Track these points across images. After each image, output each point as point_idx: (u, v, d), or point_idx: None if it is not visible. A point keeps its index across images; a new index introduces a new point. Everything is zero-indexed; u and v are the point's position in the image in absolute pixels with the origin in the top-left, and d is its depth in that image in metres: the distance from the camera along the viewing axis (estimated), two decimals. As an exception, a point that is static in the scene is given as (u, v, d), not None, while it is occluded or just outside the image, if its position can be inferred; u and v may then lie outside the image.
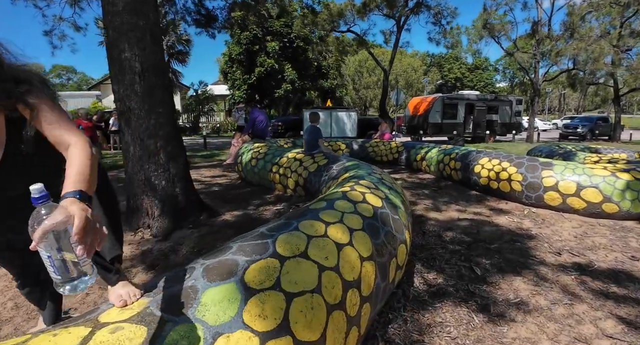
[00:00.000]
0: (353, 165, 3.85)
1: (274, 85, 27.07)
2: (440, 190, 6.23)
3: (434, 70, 56.20)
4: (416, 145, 8.55)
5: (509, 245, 3.76)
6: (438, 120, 17.43)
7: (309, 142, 5.31)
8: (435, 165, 7.26)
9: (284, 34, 26.25)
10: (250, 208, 4.66)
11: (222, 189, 6.12)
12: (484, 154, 6.02)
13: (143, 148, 3.65)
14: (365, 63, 46.33)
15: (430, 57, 63.69)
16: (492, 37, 17.93)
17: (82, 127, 8.40)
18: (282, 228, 1.74)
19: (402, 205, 2.77)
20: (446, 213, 4.90)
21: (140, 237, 3.62)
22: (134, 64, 3.52)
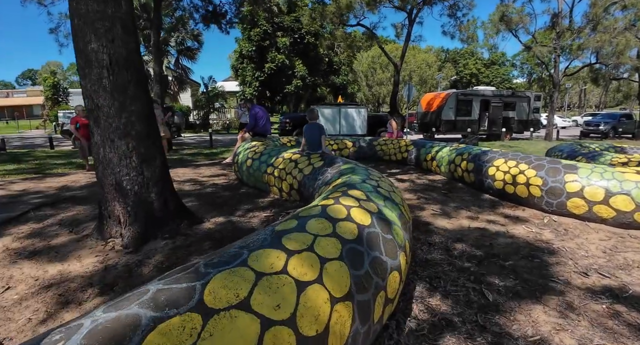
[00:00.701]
0: (348, 169, 3.42)
1: (284, 82, 26.70)
2: (451, 193, 5.74)
3: (448, 66, 54.94)
4: (426, 143, 8.04)
5: (526, 262, 3.27)
6: (451, 117, 16.77)
7: (311, 141, 4.91)
8: (446, 165, 6.75)
9: (295, 29, 25.82)
10: (237, 214, 4.27)
11: (215, 191, 5.75)
12: (499, 154, 5.50)
13: (113, 149, 3.28)
14: (379, 59, 45.48)
15: (444, 52, 62.36)
16: (510, 30, 17.12)
17: (79, 124, 8.16)
18: (224, 263, 1.32)
19: (398, 220, 2.33)
20: (456, 220, 4.43)
21: (110, 248, 3.26)
22: (102, 57, 3.15)
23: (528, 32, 17.54)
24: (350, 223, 1.87)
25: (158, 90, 12.23)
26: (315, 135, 4.83)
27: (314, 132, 4.85)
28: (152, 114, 3.57)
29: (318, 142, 4.78)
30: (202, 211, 4.43)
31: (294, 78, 26.58)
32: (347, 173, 3.26)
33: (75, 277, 2.75)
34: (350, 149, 9.27)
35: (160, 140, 3.73)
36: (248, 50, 25.80)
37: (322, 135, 4.83)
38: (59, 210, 4.65)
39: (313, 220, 1.78)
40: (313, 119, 5.04)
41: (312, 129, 4.89)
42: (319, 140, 4.79)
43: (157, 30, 11.91)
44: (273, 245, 1.49)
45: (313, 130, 4.88)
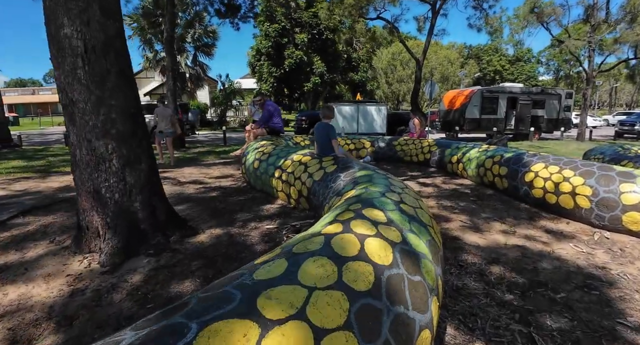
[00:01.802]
0: (364, 177, 2.87)
1: (302, 79, 26.21)
2: (481, 201, 5.10)
3: (471, 63, 53.28)
4: (452, 144, 7.37)
5: (581, 294, 2.65)
6: (476, 115, 15.90)
7: (321, 143, 4.35)
8: (475, 169, 6.10)
9: (313, 25, 25.27)
10: (237, 224, 3.77)
11: (220, 195, 5.29)
12: (539, 158, 4.82)
13: (90, 151, 2.83)
14: (399, 55, 44.49)
15: (467, 48, 60.59)
16: (541, 23, 16.08)
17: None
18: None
19: (429, 250, 1.77)
20: (489, 235, 3.81)
21: (85, 266, 2.82)
22: (76, 43, 2.70)
23: (560, 25, 16.45)
24: (364, 264, 1.32)
25: (171, 87, 11.92)
26: (324, 137, 4.28)
27: (322, 134, 4.27)
28: (138, 110, 3.10)
29: (328, 145, 4.20)
30: (199, 220, 3.97)
31: (312, 75, 26.06)
32: (363, 182, 2.70)
33: (35, 305, 2.30)
34: (368, 148, 8.69)
35: (149, 141, 3.26)
36: (265, 46, 25.41)
37: (331, 138, 4.19)
38: (49, 214, 4.28)
39: (310, 261, 1.25)
40: (326, 118, 4.43)
41: (320, 129, 4.31)
42: (328, 142, 4.22)
43: (171, 26, 11.58)
44: (242, 311, 0.96)
45: (321, 131, 4.29)
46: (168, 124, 8.77)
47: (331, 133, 4.23)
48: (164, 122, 8.78)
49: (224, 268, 2.68)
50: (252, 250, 3.05)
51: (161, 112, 8.79)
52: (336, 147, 4.19)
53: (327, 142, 4.20)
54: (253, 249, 3.08)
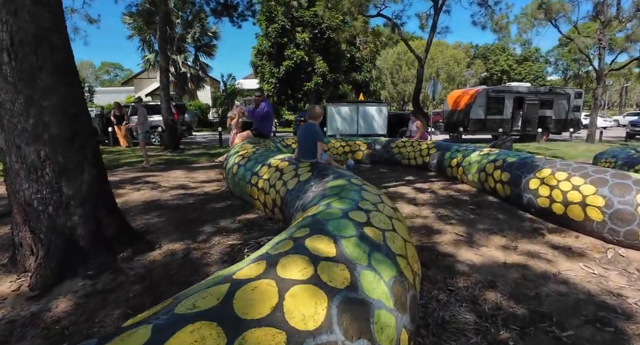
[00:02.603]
0: (335, 188, 2.45)
1: (303, 79, 25.80)
2: (480, 210, 4.65)
3: (478, 63, 52.56)
4: (451, 146, 6.92)
5: (593, 330, 2.22)
6: (481, 115, 15.37)
7: (303, 145, 3.91)
8: (475, 174, 5.65)
9: (315, 24, 24.86)
10: (200, 238, 3.38)
11: (197, 202, 4.91)
12: (545, 163, 4.36)
13: (20, 158, 2.46)
14: (404, 55, 44.02)
15: (474, 48, 59.81)
16: (549, 19, 15.49)
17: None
18: None
19: (390, 292, 1.35)
20: (486, 251, 3.38)
21: (14, 289, 2.44)
22: (0, 36, 2.33)
23: (570, 22, 15.86)
24: (273, 333, 0.91)
25: (165, 86, 11.60)
26: (308, 140, 3.81)
27: (307, 136, 3.81)
28: (80, 112, 2.72)
29: (310, 149, 3.77)
30: (162, 232, 3.59)
31: (314, 75, 25.64)
32: (331, 195, 2.29)
33: None
34: (365, 151, 8.26)
35: (95, 147, 2.88)
36: (266, 46, 25.06)
37: (316, 140, 3.73)
38: (2, 226, 3.92)
39: (186, 330, 0.84)
40: (312, 119, 3.98)
41: (304, 131, 3.85)
42: (311, 145, 3.79)
43: (164, 24, 11.27)
44: None
45: (306, 132, 3.84)
46: (143, 125, 8.53)
47: (316, 135, 3.76)
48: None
49: (166, 295, 2.29)
50: (204, 273, 2.65)
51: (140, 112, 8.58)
52: (320, 152, 3.72)
53: (310, 145, 3.75)
54: (206, 271, 2.68)
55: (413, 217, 4.37)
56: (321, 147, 3.73)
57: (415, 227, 4.04)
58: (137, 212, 4.50)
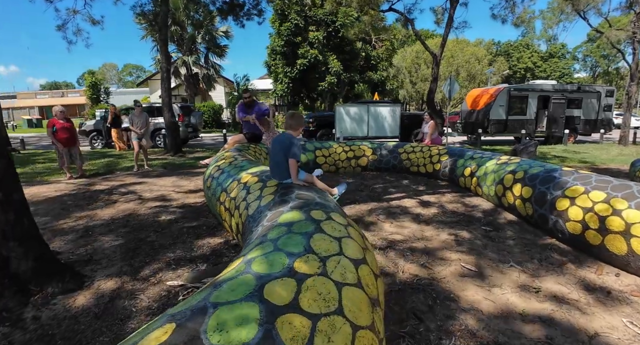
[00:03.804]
0: (282, 227, 1.79)
1: (317, 78, 25.16)
2: (496, 232, 3.90)
3: (500, 60, 50.60)
4: (464, 153, 6.15)
5: None
6: (502, 116, 14.35)
7: (274, 162, 3.00)
8: (491, 186, 4.88)
9: (329, 22, 24.18)
10: (144, 273, 2.80)
11: (166, 220, 4.36)
12: (577, 178, 3.58)
13: None
14: (423, 54, 42.82)
15: (496, 45, 57.80)
16: (578, 12, 14.33)
17: (56, 127, 7.16)
18: None
19: None
20: (500, 293, 2.66)
21: None
22: None
23: (600, 14, 14.63)
24: None
25: (166, 87, 11.20)
26: (278, 154, 2.88)
27: (277, 149, 2.92)
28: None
29: (282, 166, 2.87)
30: (105, 262, 3.03)
31: (328, 74, 24.96)
32: (269, 240, 1.63)
33: None
34: (370, 156, 7.55)
35: (6, 159, 2.33)
36: (279, 45, 24.55)
37: (289, 156, 2.80)
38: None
39: None
40: (290, 129, 3.06)
41: (276, 142, 2.99)
42: (283, 162, 2.86)
43: (164, 24, 10.86)
44: None
45: (276, 145, 2.96)
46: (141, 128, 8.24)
47: (289, 149, 2.84)
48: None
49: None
50: (118, 332, 2.05)
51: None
52: (293, 171, 2.84)
53: (280, 161, 2.93)
54: (123, 330, 2.08)
55: (414, 240, 3.68)
56: (294, 166, 2.84)
57: (415, 253, 3.35)
58: (97, 231, 3.99)
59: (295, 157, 2.79)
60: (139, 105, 8.60)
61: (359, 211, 4.74)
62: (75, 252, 3.37)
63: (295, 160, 2.77)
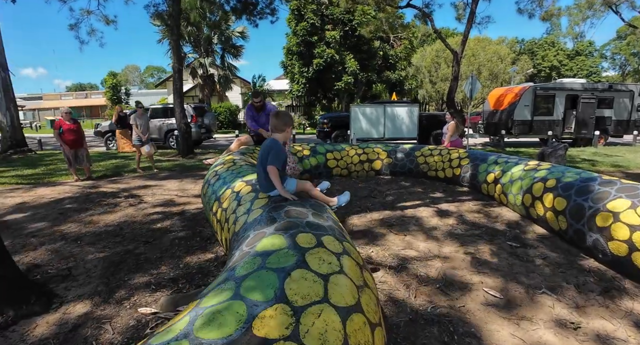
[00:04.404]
0: (256, 261, 1.43)
1: (334, 78, 24.76)
2: (524, 249, 3.43)
3: (524, 58, 48.96)
4: (487, 157, 5.66)
5: None
6: (527, 116, 13.62)
7: (259, 172, 2.59)
8: (518, 195, 4.40)
9: (346, 21, 23.76)
10: (117, 295, 2.49)
11: (161, 229, 4.07)
12: (620, 189, 3.09)
13: None
14: (443, 52, 41.86)
15: (520, 43, 56.03)
16: (609, 5, 13.46)
17: (62, 129, 7.04)
18: None
19: None
20: (530, 329, 2.23)
21: None
22: None
23: (634, 7, 13.71)
24: None
25: (177, 88, 11.04)
26: (263, 162, 2.46)
27: (261, 156, 2.49)
28: None
29: (267, 177, 2.42)
30: (82, 279, 2.76)
31: (345, 74, 24.53)
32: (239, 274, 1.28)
33: None
34: (384, 160, 7.11)
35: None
36: (295, 45, 24.28)
37: (272, 164, 2.37)
38: None
39: None
40: (276, 131, 2.59)
41: (261, 149, 2.53)
42: (265, 172, 2.43)
43: (176, 25, 10.70)
44: None
45: (261, 151, 2.52)
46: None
47: (270, 155, 2.40)
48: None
49: None
50: None
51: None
52: (275, 180, 2.37)
53: (264, 172, 2.47)
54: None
55: (429, 257, 3.26)
56: (274, 174, 2.37)
57: (430, 273, 2.94)
58: (87, 240, 3.74)
59: (273, 163, 2.36)
60: (141, 106, 8.44)
61: (369, 221, 4.34)
62: (56, 265, 3.10)
63: (275, 168, 2.35)
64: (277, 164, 2.34)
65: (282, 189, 2.36)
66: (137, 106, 8.44)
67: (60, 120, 7.18)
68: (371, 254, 3.36)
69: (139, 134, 8.03)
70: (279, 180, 2.33)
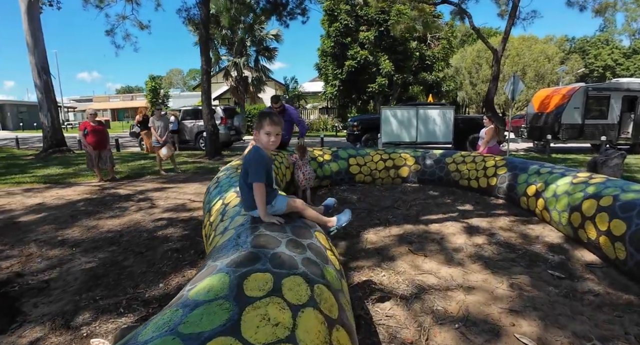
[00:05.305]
0: (182, 307, 1.07)
1: (367, 79, 24.18)
2: (571, 283, 2.83)
3: (574, 58, 45.82)
4: (528, 165, 4.99)
5: None
6: (577, 120, 12.42)
7: (240, 187, 2.12)
8: (564, 212, 3.75)
9: (380, 22, 23.14)
10: (81, 318, 2.21)
11: (159, 238, 3.82)
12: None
13: None
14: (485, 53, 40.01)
15: (570, 41, 52.54)
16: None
17: (87, 130, 7.08)
18: None
19: None
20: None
21: None
22: None
23: None
24: None
25: (205, 89, 11.02)
26: (243, 176, 2.04)
27: (243, 170, 2.06)
28: None
29: (246, 193, 2.01)
30: (57, 294, 2.57)
31: (378, 76, 23.88)
32: (140, 340, 0.92)
33: None
34: (411, 166, 6.55)
35: None
36: (328, 47, 23.96)
37: (254, 180, 1.93)
38: None
39: None
40: (254, 135, 2.11)
41: (246, 163, 2.04)
42: (245, 188, 2.02)
43: (205, 24, 10.67)
44: None
45: (243, 163, 2.08)
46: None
47: (250, 170, 1.97)
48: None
49: None
50: None
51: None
52: (258, 200, 1.92)
53: (243, 186, 2.05)
54: None
55: (451, 286, 2.75)
56: (259, 193, 1.92)
57: (450, 308, 2.43)
58: (83, 247, 3.57)
59: (254, 179, 1.92)
60: (159, 108, 8.42)
61: (387, 236, 3.86)
62: (40, 275, 2.91)
63: (261, 185, 1.92)
64: (260, 178, 1.92)
65: (265, 214, 1.92)
66: (156, 108, 8.43)
67: (86, 122, 7.24)
68: (382, 278, 2.90)
69: (156, 136, 7.98)
70: (263, 202, 1.90)
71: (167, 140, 8.17)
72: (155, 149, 8.22)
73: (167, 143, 8.13)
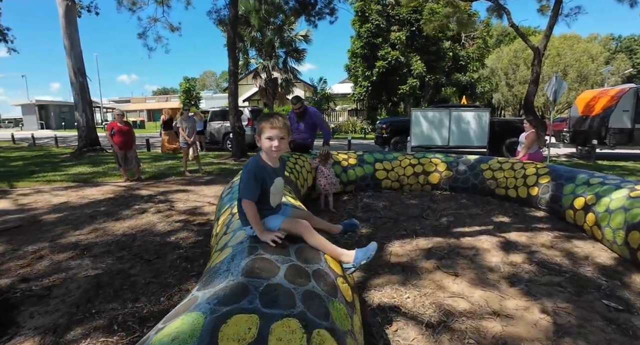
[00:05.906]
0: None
1: (398, 81, 23.61)
2: (628, 315, 2.40)
3: (621, 58, 43.00)
4: (576, 175, 4.48)
5: None
6: (626, 124, 11.44)
7: (239, 203, 1.87)
8: (619, 230, 3.27)
9: (412, 21, 22.55)
10: (71, 334, 2.04)
11: (170, 244, 3.67)
12: None
13: None
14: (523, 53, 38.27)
15: (616, 40, 49.42)
16: None
17: (114, 130, 7.14)
18: None
19: None
20: None
21: None
22: None
23: None
24: None
25: (232, 91, 11.00)
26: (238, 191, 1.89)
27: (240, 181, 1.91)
28: None
29: (241, 209, 1.81)
30: (55, 304, 2.42)
31: (410, 77, 23.25)
32: None
33: None
34: (443, 172, 6.13)
35: None
36: (358, 48, 23.60)
37: (243, 197, 1.76)
38: None
39: None
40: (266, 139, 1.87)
41: (242, 176, 1.88)
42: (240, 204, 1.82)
43: (233, 28, 10.64)
44: None
45: (243, 177, 1.86)
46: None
47: (240, 184, 1.81)
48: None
49: None
50: None
51: None
52: (250, 217, 1.72)
53: (238, 199, 1.86)
54: None
55: (484, 315, 2.39)
56: (249, 210, 1.72)
57: (482, 344, 2.09)
58: (94, 251, 3.47)
59: (243, 196, 1.72)
60: (187, 109, 8.44)
61: (414, 250, 3.52)
62: (44, 281, 2.80)
63: (249, 202, 1.70)
64: (248, 194, 1.68)
65: (261, 232, 1.66)
66: (184, 109, 8.44)
67: (113, 122, 7.31)
68: (406, 300, 2.58)
69: (184, 136, 7.97)
70: (256, 219, 1.66)
71: (195, 141, 8.17)
72: (183, 149, 8.24)
73: (194, 144, 8.13)
